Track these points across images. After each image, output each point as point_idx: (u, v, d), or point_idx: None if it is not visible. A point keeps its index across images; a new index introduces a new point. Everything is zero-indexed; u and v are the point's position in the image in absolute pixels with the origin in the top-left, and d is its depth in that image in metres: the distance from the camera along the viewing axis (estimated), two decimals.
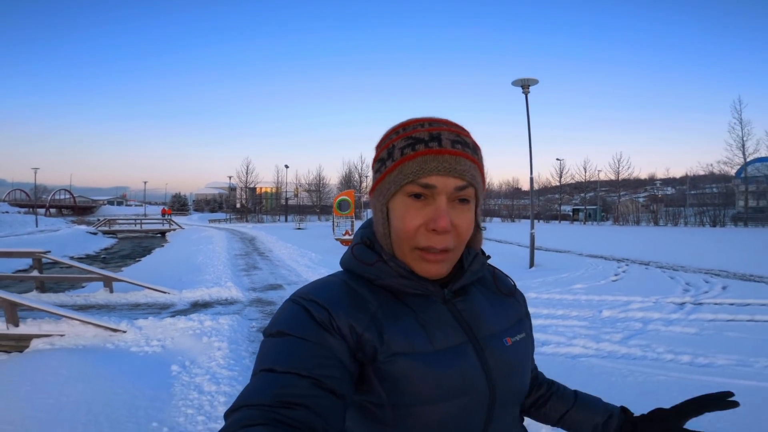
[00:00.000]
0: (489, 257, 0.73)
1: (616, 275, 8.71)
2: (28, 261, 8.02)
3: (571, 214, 49.28)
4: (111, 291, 6.63)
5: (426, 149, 0.60)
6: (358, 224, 20.73)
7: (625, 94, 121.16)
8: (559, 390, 0.82)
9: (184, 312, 5.86)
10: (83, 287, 7.41)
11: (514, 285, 0.76)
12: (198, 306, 6.28)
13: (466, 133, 0.64)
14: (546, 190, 49.25)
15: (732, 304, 5.93)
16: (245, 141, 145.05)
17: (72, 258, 10.49)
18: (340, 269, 0.70)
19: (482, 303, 0.67)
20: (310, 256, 13.25)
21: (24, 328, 5.05)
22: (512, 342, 0.66)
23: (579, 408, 0.79)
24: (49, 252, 6.85)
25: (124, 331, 4.88)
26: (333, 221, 19.76)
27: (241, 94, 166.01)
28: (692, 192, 37.48)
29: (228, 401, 3.20)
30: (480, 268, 0.69)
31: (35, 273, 6.75)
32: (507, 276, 0.77)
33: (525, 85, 11.48)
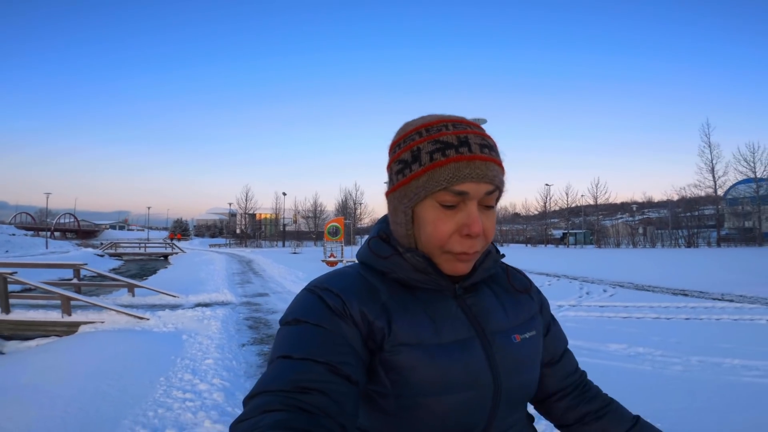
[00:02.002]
0: (503, 255, 0.72)
1: (540, 286, 10.63)
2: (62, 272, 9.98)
3: (561, 238, 51.23)
4: (133, 295, 8.56)
5: (457, 155, 0.59)
6: (347, 249, 22.74)
7: (601, 119, 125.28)
8: (618, 410, 0.74)
9: (190, 308, 7.80)
10: (110, 293, 9.34)
11: (530, 282, 0.75)
12: (200, 305, 8.19)
13: (489, 136, 0.64)
14: (545, 215, 51.08)
15: (603, 306, 7.83)
16: (245, 168, 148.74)
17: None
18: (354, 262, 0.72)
19: (492, 299, 0.67)
20: (297, 274, 15.18)
21: (74, 317, 6.99)
22: (521, 339, 0.66)
23: None
24: (86, 264, 8.82)
25: (148, 319, 6.81)
26: (324, 246, 21.77)
27: (241, 121, 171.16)
28: (685, 214, 38.77)
29: (216, 352, 5.09)
30: (492, 265, 0.69)
31: (75, 281, 8.69)
32: (522, 273, 0.77)
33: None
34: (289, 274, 15.29)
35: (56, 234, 68.86)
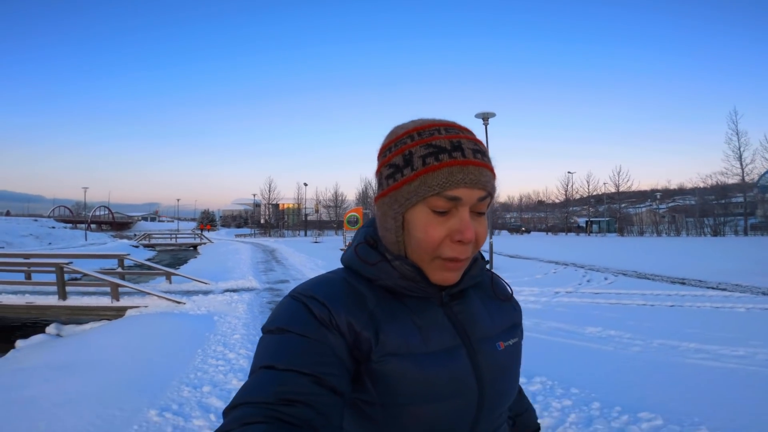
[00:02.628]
0: (488, 262, 0.73)
1: (545, 274, 11.16)
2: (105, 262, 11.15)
3: (584, 226, 50.78)
4: (170, 282, 9.60)
5: (451, 160, 0.58)
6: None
7: (624, 107, 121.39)
8: (522, 422, 0.84)
9: (220, 293, 8.76)
10: (150, 280, 10.44)
11: (511, 292, 0.77)
12: (229, 290, 9.16)
13: (481, 142, 0.64)
14: (566, 203, 50.52)
15: (597, 293, 8.33)
16: (269, 159, 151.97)
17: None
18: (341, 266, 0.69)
19: (478, 307, 0.68)
20: (317, 262, 16.10)
21: (122, 302, 8.02)
22: (505, 346, 0.67)
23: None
24: (129, 255, 9.90)
25: (184, 303, 7.77)
26: (344, 235, 22.66)
27: (265, 114, 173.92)
28: (716, 202, 37.59)
29: (243, 329, 5.96)
30: (479, 273, 0.69)
31: (120, 269, 9.79)
32: (505, 282, 0.78)
33: (485, 117, 14.16)
34: (309, 262, 16.23)
35: (92, 226, 72.26)
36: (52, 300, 8.20)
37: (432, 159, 0.59)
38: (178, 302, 7.77)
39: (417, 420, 0.58)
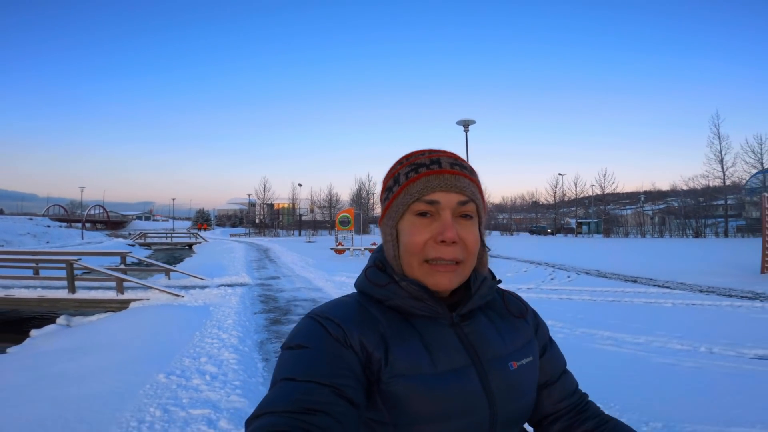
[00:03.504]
0: (500, 281, 0.74)
1: (517, 272, 12.12)
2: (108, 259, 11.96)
3: (574, 227, 52.00)
4: (169, 278, 10.46)
5: (428, 171, 0.65)
6: (357, 238, 24.36)
7: (611, 110, 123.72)
8: (615, 428, 0.73)
9: (215, 288, 9.63)
10: (151, 276, 11.29)
11: (526, 306, 0.78)
12: (223, 285, 10.05)
13: (463, 160, 0.70)
14: (555, 205, 51.64)
15: (554, 290, 9.27)
16: (264, 159, 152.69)
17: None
18: (354, 290, 0.73)
19: (488, 327, 0.69)
20: (307, 261, 16.97)
21: (126, 296, 8.87)
22: (518, 366, 0.67)
23: None
24: (131, 252, 10.74)
25: (183, 296, 8.65)
26: (336, 235, 23.52)
27: (261, 115, 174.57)
28: (706, 203, 38.55)
29: (235, 316, 6.83)
30: (488, 292, 0.71)
31: (122, 266, 10.62)
32: (519, 297, 0.79)
33: (465, 124, 15.09)
34: (300, 261, 17.10)
35: (87, 225, 72.44)
36: (62, 293, 9.03)
37: (413, 173, 0.66)
38: (177, 295, 8.65)
39: None
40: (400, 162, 0.71)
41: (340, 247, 20.21)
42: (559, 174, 50.16)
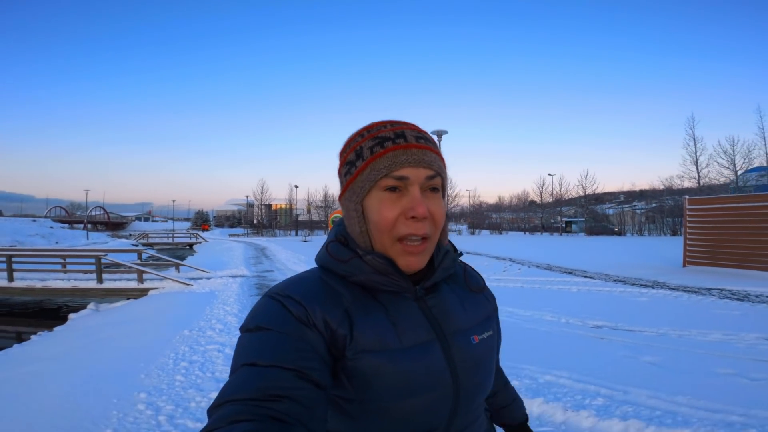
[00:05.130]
0: (461, 254, 0.75)
1: (478, 266, 14.00)
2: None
3: (564, 226, 54.05)
4: (178, 271, 12.36)
5: (395, 145, 0.64)
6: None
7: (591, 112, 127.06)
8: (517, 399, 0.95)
9: (218, 278, 11.56)
10: (163, 269, 13.20)
11: (483, 282, 0.80)
12: (225, 276, 11.98)
13: (426, 132, 0.69)
14: (558, 202, 53.29)
15: (499, 279, 11.17)
16: (262, 160, 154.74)
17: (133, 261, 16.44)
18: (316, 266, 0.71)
19: (452, 300, 0.70)
20: (300, 257, 18.89)
21: (146, 285, 10.77)
22: (479, 339, 0.69)
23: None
24: (146, 249, 12.62)
25: (192, 285, 10.55)
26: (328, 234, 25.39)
27: (258, 118, 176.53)
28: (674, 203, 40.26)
29: (236, 297, 8.73)
30: (451, 264, 0.71)
31: (139, 261, 12.51)
32: (478, 273, 0.82)
33: (439, 134, 16.99)
34: (293, 257, 19.03)
35: (88, 226, 73.72)
36: (91, 284, 10.92)
37: (378, 147, 0.65)
38: (187, 284, 10.56)
39: (394, 414, 0.60)
40: (360, 134, 0.69)
41: None
42: (549, 174, 52.18)
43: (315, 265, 0.72)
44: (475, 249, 21.40)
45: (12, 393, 4.03)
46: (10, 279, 11.07)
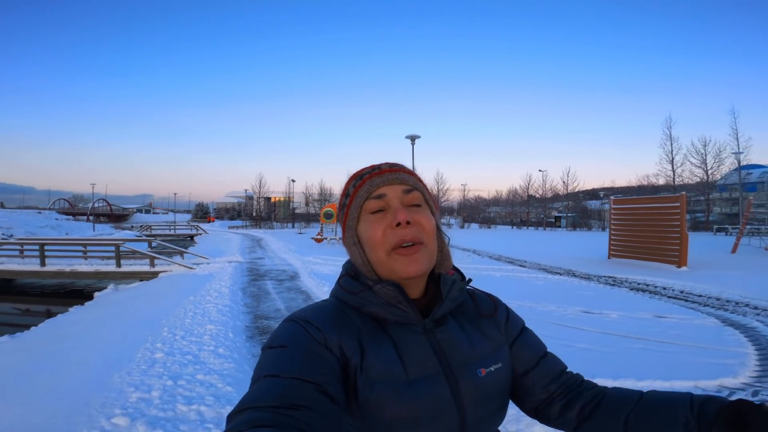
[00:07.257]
0: (470, 280, 0.78)
1: None
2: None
3: (553, 221, 56.38)
4: (183, 258, 14.66)
5: (371, 174, 0.74)
6: (339, 229, 28.01)
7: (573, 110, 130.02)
8: (615, 393, 0.73)
9: (217, 263, 13.86)
10: (170, 256, 15.49)
11: (496, 305, 0.81)
12: (222, 262, 14.28)
13: (400, 164, 0.77)
14: (551, 199, 55.39)
15: None
16: (262, 153, 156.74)
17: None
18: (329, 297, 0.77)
19: (459, 333, 0.72)
20: (290, 247, 21.14)
21: (156, 268, 13.05)
22: (486, 372, 0.70)
23: (643, 410, 0.67)
24: (156, 238, 14.88)
25: (195, 269, 12.85)
26: (321, 227, 27.50)
27: (258, 113, 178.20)
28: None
29: (230, 277, 11.00)
30: (459, 294, 0.75)
31: (149, 249, 14.77)
32: (488, 295, 0.83)
33: (412, 138, 19.19)
34: (284, 247, 21.30)
35: (91, 218, 75.09)
36: (111, 267, 13.22)
37: (358, 181, 0.75)
38: (191, 268, 12.86)
39: None
40: (348, 182, 0.78)
41: (318, 236, 24.39)
42: (540, 170, 54.58)
43: (298, 254, 2.21)
44: (452, 242, 23.64)
45: (76, 337, 6.33)
46: (42, 264, 13.36)
